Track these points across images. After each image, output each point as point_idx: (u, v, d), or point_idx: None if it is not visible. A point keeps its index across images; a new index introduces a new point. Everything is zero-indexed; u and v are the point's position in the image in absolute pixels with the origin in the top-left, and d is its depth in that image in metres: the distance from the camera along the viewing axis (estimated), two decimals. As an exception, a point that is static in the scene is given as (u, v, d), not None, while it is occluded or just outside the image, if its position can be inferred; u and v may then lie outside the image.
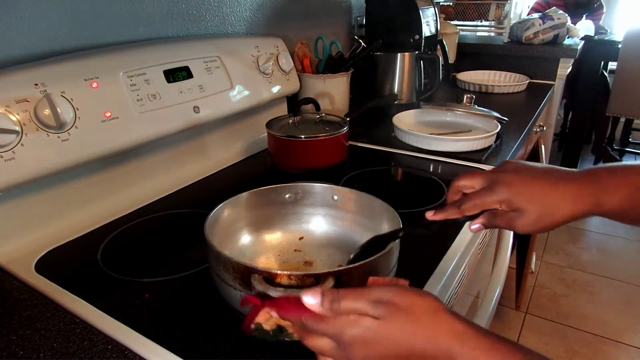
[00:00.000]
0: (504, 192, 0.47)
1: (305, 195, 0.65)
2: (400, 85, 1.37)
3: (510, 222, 0.47)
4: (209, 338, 0.49)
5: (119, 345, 0.47)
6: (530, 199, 0.46)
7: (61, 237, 0.69)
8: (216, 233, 0.54)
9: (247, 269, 0.44)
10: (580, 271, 2.10)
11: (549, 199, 0.46)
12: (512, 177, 0.47)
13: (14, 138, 0.59)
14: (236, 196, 0.60)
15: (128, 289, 0.58)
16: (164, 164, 0.87)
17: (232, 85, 0.91)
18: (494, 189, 0.47)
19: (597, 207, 0.45)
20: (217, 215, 0.56)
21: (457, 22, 2.14)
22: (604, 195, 0.45)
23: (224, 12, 1.02)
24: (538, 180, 0.47)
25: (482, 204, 0.48)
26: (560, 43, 1.85)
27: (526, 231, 0.47)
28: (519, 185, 0.47)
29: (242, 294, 0.45)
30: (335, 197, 0.64)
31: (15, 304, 0.54)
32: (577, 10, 2.84)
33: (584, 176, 0.46)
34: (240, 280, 0.45)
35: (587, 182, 0.46)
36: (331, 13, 1.44)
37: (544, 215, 0.46)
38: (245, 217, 0.62)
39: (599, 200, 0.45)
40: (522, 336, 1.73)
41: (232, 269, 0.45)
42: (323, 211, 0.65)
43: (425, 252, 0.65)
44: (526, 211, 0.46)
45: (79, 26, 0.75)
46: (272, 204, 0.64)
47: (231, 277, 0.46)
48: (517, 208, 0.46)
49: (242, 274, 0.44)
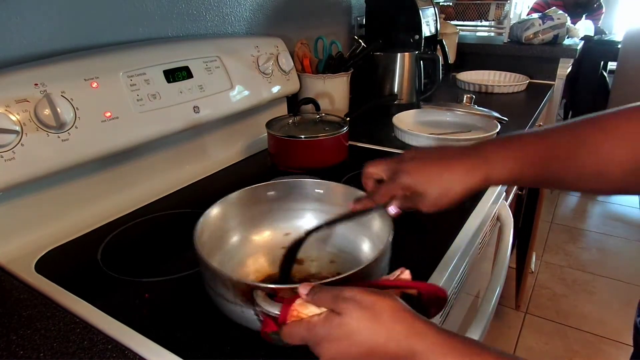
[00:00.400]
0: (405, 181, 0.52)
1: (291, 191, 0.65)
2: (400, 85, 1.37)
3: (416, 204, 0.53)
4: (209, 338, 0.49)
5: (119, 345, 0.47)
6: (427, 182, 0.51)
7: (61, 237, 0.69)
8: (206, 241, 0.54)
9: (249, 287, 0.43)
10: (580, 271, 2.10)
11: (443, 180, 0.51)
12: (410, 165, 0.53)
13: (14, 138, 0.59)
14: (223, 198, 0.59)
15: (128, 289, 0.58)
16: (164, 164, 0.87)
17: (232, 85, 0.91)
18: (396, 179, 0.53)
19: (486, 180, 0.50)
20: (204, 223, 0.55)
21: (457, 22, 2.14)
22: (491, 170, 0.50)
23: (224, 12, 1.02)
24: (432, 164, 0.52)
25: (389, 193, 0.54)
26: (560, 43, 1.85)
27: (430, 210, 0.52)
28: (416, 172, 0.52)
29: (244, 309, 0.45)
30: (317, 190, 0.64)
31: (15, 304, 0.54)
32: (577, 10, 2.85)
33: (473, 153, 0.51)
34: (241, 297, 0.44)
35: (475, 159, 0.51)
36: (331, 13, 1.44)
37: (442, 194, 0.51)
38: (234, 218, 0.61)
39: (487, 175, 0.50)
40: (522, 336, 1.73)
41: (232, 286, 0.45)
42: (310, 206, 0.65)
43: (425, 252, 0.65)
44: (426, 194, 0.51)
45: (79, 26, 0.75)
46: (259, 202, 0.63)
47: (231, 294, 0.45)
48: (418, 192, 0.52)
49: (243, 290, 0.44)
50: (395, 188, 0.53)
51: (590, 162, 0.45)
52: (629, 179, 0.44)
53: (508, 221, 0.88)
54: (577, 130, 0.47)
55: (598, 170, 0.45)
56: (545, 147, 0.48)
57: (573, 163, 0.46)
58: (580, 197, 2.87)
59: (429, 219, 0.75)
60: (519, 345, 1.69)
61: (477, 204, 0.78)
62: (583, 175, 0.46)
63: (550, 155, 0.47)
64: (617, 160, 0.44)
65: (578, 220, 2.57)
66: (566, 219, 2.58)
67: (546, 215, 2.54)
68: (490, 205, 0.79)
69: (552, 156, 0.47)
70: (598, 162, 0.45)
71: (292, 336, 0.39)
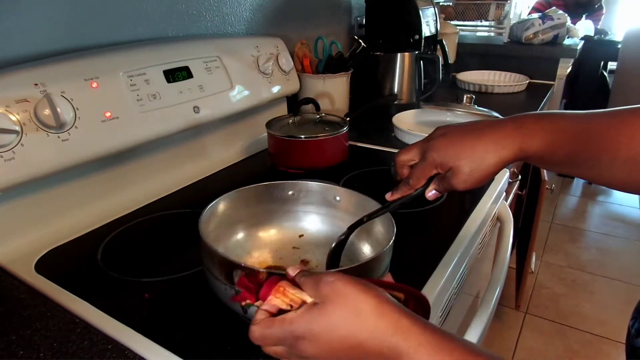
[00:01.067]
0: (436, 157, 0.50)
1: (306, 194, 0.65)
2: (400, 85, 1.37)
3: (450, 182, 0.50)
4: (209, 338, 0.49)
5: (119, 345, 0.47)
6: (459, 156, 0.48)
7: (61, 237, 0.69)
8: (212, 229, 0.55)
9: (232, 264, 0.44)
10: (580, 271, 2.10)
11: (476, 152, 0.48)
12: (440, 141, 0.50)
13: (14, 138, 0.59)
14: (234, 191, 0.60)
15: (128, 289, 0.58)
16: (164, 163, 0.87)
17: (232, 85, 0.91)
18: (427, 157, 0.51)
19: (522, 151, 0.47)
20: (213, 209, 0.56)
21: (457, 22, 2.14)
22: (528, 140, 0.47)
23: (224, 12, 1.02)
24: (463, 137, 0.49)
25: (423, 173, 0.52)
26: (560, 43, 1.85)
27: (466, 187, 0.49)
28: (447, 147, 0.50)
29: (228, 287, 0.45)
30: (337, 197, 0.64)
31: (15, 304, 0.54)
32: (578, 10, 2.84)
33: (510, 123, 0.48)
34: (225, 275, 0.45)
35: (512, 129, 0.48)
36: (331, 13, 1.44)
37: (475, 168, 0.48)
38: (243, 213, 0.62)
39: (523, 145, 0.47)
40: (522, 336, 1.73)
41: (218, 263, 0.46)
42: (323, 210, 0.65)
43: (425, 252, 0.65)
44: (458, 168, 0.49)
45: (79, 26, 0.75)
46: (272, 200, 0.64)
47: (218, 271, 0.46)
48: (450, 168, 0.49)
49: (227, 268, 0.45)
50: (428, 167, 0.51)
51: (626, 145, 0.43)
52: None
53: (508, 221, 0.88)
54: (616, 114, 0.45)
55: (632, 156, 0.43)
56: (584, 122, 0.46)
57: (609, 143, 0.44)
58: (581, 197, 2.87)
59: (429, 219, 0.76)
60: (519, 345, 1.69)
61: (477, 204, 0.78)
62: (617, 159, 0.44)
63: (587, 131, 0.45)
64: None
65: (578, 220, 2.57)
66: (566, 219, 2.58)
67: (546, 215, 2.54)
68: (490, 205, 0.79)
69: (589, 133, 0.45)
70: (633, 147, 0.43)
71: (265, 338, 0.36)
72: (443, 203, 0.79)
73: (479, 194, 0.81)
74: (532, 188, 1.56)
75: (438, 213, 0.77)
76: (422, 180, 0.52)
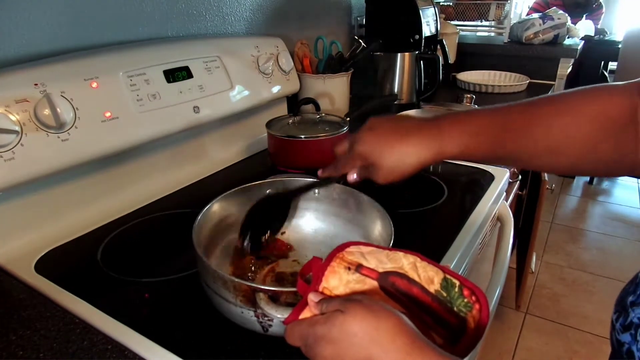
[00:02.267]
0: (360, 149, 0.53)
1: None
2: (400, 85, 1.37)
3: (371, 175, 0.53)
4: (209, 338, 0.49)
5: (119, 345, 0.47)
6: (381, 153, 0.51)
7: (61, 237, 0.69)
8: (204, 238, 0.54)
9: (251, 289, 0.43)
10: (580, 271, 2.10)
11: (397, 152, 0.50)
12: (367, 135, 0.53)
13: (14, 138, 0.59)
14: (220, 196, 0.59)
15: (128, 289, 0.58)
16: (163, 164, 0.87)
17: (232, 85, 0.91)
18: (353, 148, 0.54)
19: (439, 154, 0.50)
20: (202, 221, 0.55)
21: (457, 22, 2.14)
22: (445, 144, 0.49)
23: (224, 12, 1.02)
24: (389, 136, 0.51)
25: (348, 162, 0.55)
26: (560, 43, 1.85)
27: (385, 182, 0.52)
28: (371, 142, 0.52)
29: (243, 310, 0.45)
30: (316, 191, 0.64)
31: (15, 304, 0.54)
32: (576, 10, 2.84)
33: (428, 127, 0.51)
34: (242, 298, 0.44)
35: (430, 133, 0.50)
36: (331, 13, 1.44)
37: (394, 166, 0.51)
38: (231, 216, 0.61)
39: (441, 149, 0.50)
40: (522, 336, 1.73)
41: (233, 287, 0.45)
42: (306, 205, 0.65)
43: (425, 252, 0.65)
44: (379, 165, 0.51)
45: (79, 26, 0.75)
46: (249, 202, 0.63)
47: (232, 295, 0.45)
48: (372, 162, 0.52)
49: (244, 292, 0.44)
50: (354, 157, 0.54)
51: (543, 138, 0.46)
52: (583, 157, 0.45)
53: (508, 221, 0.88)
54: (532, 107, 0.48)
55: (551, 147, 0.45)
56: (500, 122, 0.48)
57: (527, 139, 0.46)
58: (581, 197, 2.87)
59: (429, 219, 0.76)
60: (519, 345, 1.68)
61: (477, 204, 0.78)
62: (537, 151, 0.46)
63: (505, 130, 0.48)
64: (570, 137, 0.45)
65: (578, 220, 2.57)
66: (566, 219, 2.57)
67: (546, 215, 2.54)
68: (490, 205, 0.79)
69: (507, 130, 0.48)
70: (551, 139, 0.45)
71: (292, 334, 0.38)
72: (443, 203, 0.79)
73: (479, 194, 0.81)
74: (532, 188, 1.56)
75: (438, 213, 0.77)
76: (348, 168, 0.55)
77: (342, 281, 0.39)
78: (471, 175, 0.91)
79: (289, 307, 0.41)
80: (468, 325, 0.37)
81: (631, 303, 0.47)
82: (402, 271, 0.39)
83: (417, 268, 0.40)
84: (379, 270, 0.39)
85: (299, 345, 0.38)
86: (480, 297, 0.38)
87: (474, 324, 0.37)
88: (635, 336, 0.44)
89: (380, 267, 0.40)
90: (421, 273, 0.39)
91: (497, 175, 0.88)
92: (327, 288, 0.39)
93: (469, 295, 0.38)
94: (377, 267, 0.40)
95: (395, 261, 0.40)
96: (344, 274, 0.39)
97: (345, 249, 0.41)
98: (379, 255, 0.40)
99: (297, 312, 0.38)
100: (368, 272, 0.39)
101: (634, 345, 0.44)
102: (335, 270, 0.39)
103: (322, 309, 0.37)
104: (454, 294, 0.38)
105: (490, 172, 0.90)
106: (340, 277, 0.39)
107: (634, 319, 0.45)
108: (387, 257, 0.40)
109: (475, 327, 0.37)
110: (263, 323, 0.45)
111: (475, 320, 0.37)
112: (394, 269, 0.39)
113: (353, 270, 0.39)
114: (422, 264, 0.40)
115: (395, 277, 0.39)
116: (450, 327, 0.37)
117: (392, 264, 0.40)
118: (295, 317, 0.38)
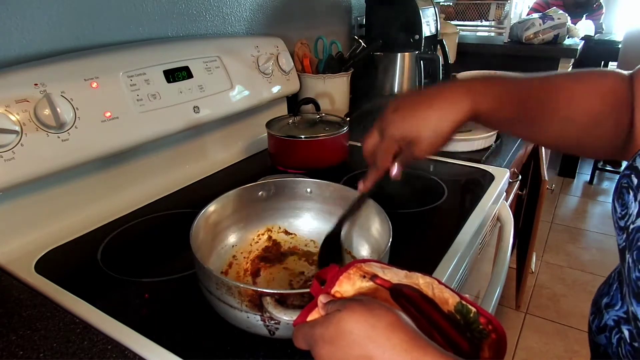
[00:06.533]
0: (394, 132, 0.51)
1: (279, 191, 0.65)
2: (400, 85, 1.37)
3: (413, 154, 0.51)
4: (209, 338, 0.49)
5: (119, 345, 0.47)
6: (417, 127, 0.50)
7: (61, 237, 0.69)
8: (202, 241, 0.54)
9: (257, 293, 0.43)
10: (580, 271, 2.10)
11: (432, 120, 0.49)
12: (394, 116, 0.51)
13: (14, 138, 0.59)
14: (217, 198, 0.59)
15: (128, 289, 0.58)
16: (164, 164, 0.87)
17: (232, 85, 0.91)
18: (385, 134, 0.52)
19: (473, 111, 0.49)
20: (198, 225, 0.55)
21: (457, 22, 2.14)
22: (479, 100, 0.49)
23: (224, 12, 1.02)
24: (416, 108, 0.50)
25: (386, 151, 0.52)
26: (560, 43, 1.85)
27: (428, 154, 0.51)
28: (401, 120, 0.51)
29: (249, 314, 0.44)
30: (308, 189, 0.64)
31: (15, 304, 0.54)
32: (576, 10, 2.84)
33: (453, 89, 0.50)
34: (248, 303, 0.44)
35: (459, 93, 0.50)
36: (331, 13, 1.44)
37: (434, 135, 0.50)
38: (229, 217, 0.61)
39: (474, 105, 0.49)
40: (522, 336, 1.73)
41: (238, 293, 0.44)
42: (301, 205, 0.65)
43: (425, 252, 0.65)
44: (418, 139, 0.50)
45: (79, 26, 0.75)
46: (250, 202, 0.63)
47: (237, 301, 0.45)
48: (410, 140, 0.50)
49: (250, 297, 0.43)
50: (389, 144, 0.52)
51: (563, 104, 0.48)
52: (590, 130, 0.48)
53: (508, 221, 0.88)
54: (555, 78, 0.51)
55: (567, 116, 0.48)
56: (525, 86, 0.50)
57: (548, 104, 0.48)
58: (581, 197, 2.87)
59: (429, 219, 0.76)
60: (519, 345, 1.68)
61: (477, 204, 0.78)
62: (554, 118, 0.48)
63: (529, 93, 0.49)
64: (585, 109, 0.47)
65: (578, 220, 2.57)
66: (566, 219, 2.57)
67: (546, 215, 2.54)
68: (490, 205, 0.79)
69: (531, 95, 0.49)
70: (570, 106, 0.48)
71: (297, 336, 0.37)
72: (443, 203, 0.79)
73: (479, 194, 0.81)
74: (532, 188, 1.56)
75: (438, 213, 0.77)
76: (389, 158, 0.53)
77: (354, 287, 0.39)
78: (471, 175, 0.91)
79: (297, 310, 0.40)
80: (482, 353, 0.36)
81: (605, 305, 0.47)
82: (417, 287, 0.39)
83: (434, 288, 0.39)
84: (393, 282, 0.39)
85: (305, 347, 0.37)
86: (498, 328, 0.37)
87: (489, 353, 0.36)
88: (610, 338, 0.44)
89: (395, 279, 0.40)
90: (437, 293, 0.39)
91: (497, 175, 0.88)
92: (338, 292, 0.39)
93: (485, 323, 0.37)
94: (391, 279, 0.40)
95: (412, 279, 0.40)
96: (357, 281, 0.39)
97: (366, 262, 0.41)
98: (397, 272, 0.40)
99: (306, 313, 0.38)
100: (382, 282, 0.39)
101: (609, 349, 0.44)
102: (351, 277, 0.39)
103: (327, 309, 0.37)
104: (469, 319, 0.37)
105: (490, 172, 0.90)
106: (353, 283, 0.39)
107: (609, 320, 0.45)
108: (405, 275, 0.40)
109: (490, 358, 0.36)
110: (270, 327, 0.44)
111: (493, 350, 0.36)
112: (409, 284, 0.40)
113: (368, 278, 0.39)
114: (439, 286, 0.40)
115: (409, 289, 0.39)
116: (461, 351, 0.36)
117: (408, 280, 0.40)
118: (304, 319, 0.38)
